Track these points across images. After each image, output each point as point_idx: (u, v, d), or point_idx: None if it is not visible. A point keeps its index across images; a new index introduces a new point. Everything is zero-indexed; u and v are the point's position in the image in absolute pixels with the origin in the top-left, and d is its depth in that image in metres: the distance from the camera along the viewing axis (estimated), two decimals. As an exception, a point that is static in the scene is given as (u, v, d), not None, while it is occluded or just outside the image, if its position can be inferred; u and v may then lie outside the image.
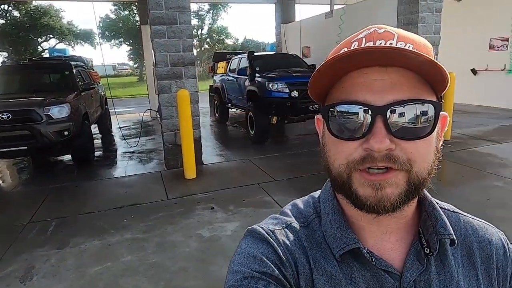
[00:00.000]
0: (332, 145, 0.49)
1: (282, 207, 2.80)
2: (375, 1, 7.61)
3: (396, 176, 0.45)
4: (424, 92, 0.46)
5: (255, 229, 0.54)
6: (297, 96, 5.88)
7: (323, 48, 8.86)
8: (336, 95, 0.49)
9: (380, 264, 0.50)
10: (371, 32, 0.48)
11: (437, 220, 0.52)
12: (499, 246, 0.56)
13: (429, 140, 0.47)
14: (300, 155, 5.55)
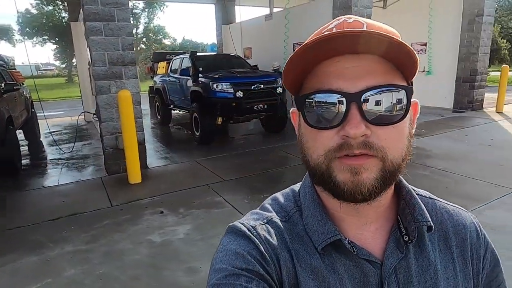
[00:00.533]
0: (309, 136, 0.49)
1: (233, 206, 2.81)
2: (312, 6, 7.98)
3: (371, 162, 0.45)
4: (395, 78, 0.47)
5: (235, 226, 0.54)
6: (242, 96, 5.93)
7: (264, 49, 9.07)
8: (309, 85, 0.49)
9: (361, 254, 0.51)
10: (341, 22, 0.49)
11: (415, 207, 0.53)
12: (472, 230, 0.58)
13: (402, 126, 0.47)
14: (246, 154, 5.61)
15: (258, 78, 6.28)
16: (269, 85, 6.27)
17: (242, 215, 2.64)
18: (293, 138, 6.67)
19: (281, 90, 6.43)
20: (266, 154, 5.54)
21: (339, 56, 0.46)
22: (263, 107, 6.21)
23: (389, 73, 0.46)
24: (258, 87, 6.10)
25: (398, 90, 0.46)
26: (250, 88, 6.03)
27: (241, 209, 3.47)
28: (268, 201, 0.60)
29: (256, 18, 9.70)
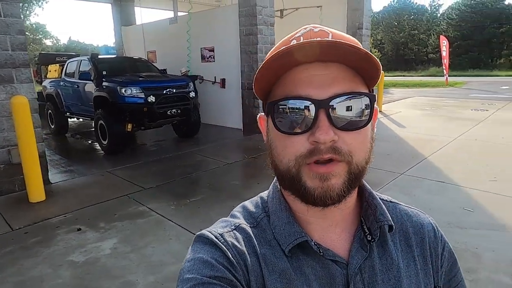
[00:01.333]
0: (279, 141, 0.50)
1: (160, 214, 2.83)
2: (218, 11, 8.16)
3: (339, 167, 0.47)
4: (359, 85, 0.50)
5: (203, 234, 0.54)
6: (154, 101, 5.73)
7: (170, 53, 8.88)
8: (278, 92, 0.50)
9: (327, 255, 0.52)
10: (308, 31, 0.50)
11: (377, 208, 0.56)
12: (430, 229, 0.61)
13: (366, 131, 0.50)
14: (163, 161, 5.45)
15: (170, 82, 6.15)
16: (181, 90, 6.19)
17: (172, 222, 2.70)
18: (208, 141, 6.76)
19: (194, 95, 6.42)
20: (183, 159, 5.47)
21: (307, 63, 0.48)
22: (176, 112, 6.10)
23: (354, 81, 0.49)
24: (171, 91, 5.98)
25: (363, 97, 0.48)
26: (162, 93, 5.87)
27: (168, 216, 3.39)
28: (237, 208, 0.61)
29: (160, 21, 9.44)
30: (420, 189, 3.95)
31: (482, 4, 36.61)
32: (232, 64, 7.41)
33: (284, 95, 0.48)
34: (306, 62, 0.47)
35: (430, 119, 8.52)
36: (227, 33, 7.38)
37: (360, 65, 0.48)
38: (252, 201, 0.62)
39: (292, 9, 10.74)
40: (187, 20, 8.26)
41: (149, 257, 2.70)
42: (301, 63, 0.48)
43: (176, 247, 2.85)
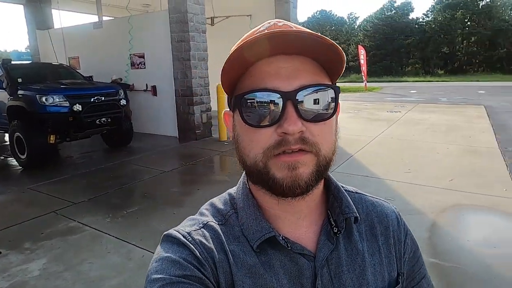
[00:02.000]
0: (246, 135, 0.50)
1: (95, 228, 2.76)
2: (148, 17, 7.96)
3: (307, 157, 0.48)
4: (324, 78, 0.51)
5: (170, 234, 0.54)
6: (80, 110, 5.35)
7: (95, 59, 8.38)
8: (245, 85, 0.50)
9: (295, 248, 0.53)
10: (272, 25, 0.51)
11: (342, 201, 0.57)
12: (393, 218, 0.63)
13: (331, 122, 0.51)
14: (94, 173, 5.11)
15: (97, 89, 5.81)
16: (111, 97, 5.89)
17: (109, 235, 2.67)
18: (142, 151, 6.53)
19: (125, 102, 6.16)
20: (116, 170, 5.20)
21: (272, 56, 0.48)
22: (106, 120, 5.78)
23: (318, 74, 0.50)
24: (99, 99, 5.65)
25: (329, 90, 0.49)
26: (89, 101, 5.52)
27: (105, 229, 3.22)
28: (205, 206, 0.61)
29: (83, 25, 8.85)
30: (348, 184, 4.27)
31: (391, 18, 41.15)
32: (164, 71, 7.27)
33: (250, 88, 0.48)
34: (271, 55, 0.48)
35: (353, 120, 9.30)
36: (157, 39, 7.22)
37: (325, 57, 0.49)
38: (221, 197, 0.62)
39: (222, 17, 10.91)
40: (113, 25, 7.89)
41: (87, 274, 2.54)
42: (266, 56, 0.48)
43: (115, 260, 2.72)
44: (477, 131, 7.44)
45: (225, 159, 5.93)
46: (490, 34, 36.42)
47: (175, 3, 6.66)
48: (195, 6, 6.79)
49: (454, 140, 6.51)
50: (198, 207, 0.63)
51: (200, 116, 7.18)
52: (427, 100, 14.16)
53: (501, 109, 11.08)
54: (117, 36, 7.86)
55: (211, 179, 4.89)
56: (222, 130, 7.02)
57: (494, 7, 38.03)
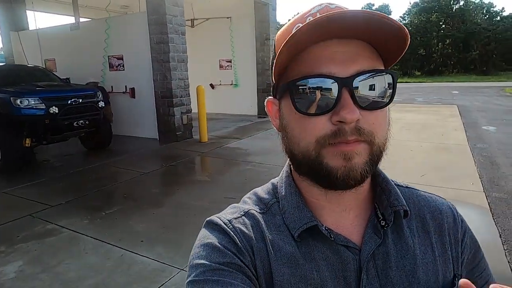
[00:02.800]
0: (297, 123, 0.48)
1: (72, 230, 2.80)
2: (127, 18, 7.91)
3: (362, 147, 0.46)
4: (379, 63, 0.48)
5: (212, 220, 0.54)
6: (57, 112, 5.28)
7: (72, 61, 8.24)
8: (297, 70, 0.47)
9: (339, 240, 0.50)
10: (323, 8, 0.48)
11: (391, 193, 0.54)
12: (449, 215, 0.59)
13: (386, 110, 0.48)
14: (72, 175, 5.05)
15: (74, 92, 5.74)
16: (89, 99, 5.83)
17: (87, 236, 2.70)
18: (122, 153, 6.48)
19: (103, 104, 6.10)
20: (95, 172, 5.16)
21: (327, 40, 0.45)
22: (84, 123, 5.72)
23: (374, 58, 0.47)
24: (76, 101, 5.58)
25: (386, 75, 0.47)
26: (66, 103, 5.44)
27: (82, 231, 3.21)
28: (248, 195, 0.61)
29: (59, 27, 8.70)
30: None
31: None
32: (143, 73, 7.23)
33: (303, 74, 0.46)
34: (325, 39, 0.45)
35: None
36: (136, 41, 7.19)
37: (384, 40, 0.45)
38: (264, 187, 0.61)
39: (202, 19, 10.94)
40: (91, 27, 7.81)
41: (64, 274, 2.54)
42: (320, 40, 0.45)
43: (93, 260, 2.73)
44: (449, 129, 7.75)
45: (206, 160, 5.96)
46: (464, 37, 37.83)
47: (153, 4, 6.66)
48: (174, 8, 6.80)
49: (427, 138, 6.76)
50: (177, 207, 0.64)
51: (181, 117, 7.18)
52: (405, 100, 14.59)
53: (472, 108, 11.56)
54: (94, 38, 7.76)
55: (191, 180, 4.92)
56: (202, 131, 7.05)
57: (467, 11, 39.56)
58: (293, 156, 0.50)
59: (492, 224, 3.17)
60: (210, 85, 11.17)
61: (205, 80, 10.48)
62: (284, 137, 0.52)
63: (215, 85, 11.28)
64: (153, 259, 2.69)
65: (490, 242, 2.89)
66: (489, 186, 4.14)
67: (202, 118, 6.98)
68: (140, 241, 3.00)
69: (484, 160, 5.26)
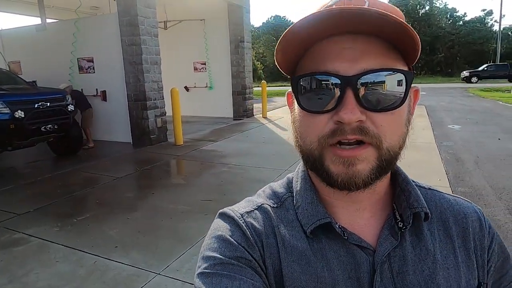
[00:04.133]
0: (302, 119, 0.48)
1: (42, 238, 2.72)
2: (97, 19, 7.70)
3: (367, 151, 0.44)
4: (394, 61, 0.45)
5: (225, 212, 0.54)
6: (23, 116, 5.06)
7: (39, 63, 7.92)
8: (305, 66, 0.46)
9: (352, 239, 0.49)
10: (340, 0, 0.46)
11: (410, 194, 0.52)
12: (474, 220, 0.55)
13: (400, 112, 0.45)
14: (40, 182, 4.85)
15: (42, 95, 5.52)
16: (57, 103, 5.63)
17: (57, 244, 2.63)
18: (94, 158, 6.33)
19: (73, 108, 5.91)
20: (66, 179, 4.97)
21: (338, 35, 0.44)
22: (52, 127, 5.51)
23: (388, 56, 0.44)
24: (44, 105, 5.38)
25: (397, 74, 0.44)
26: (33, 107, 5.23)
27: (53, 239, 3.09)
28: (263, 188, 0.60)
29: (24, 28, 8.35)
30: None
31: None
32: (115, 75, 7.07)
33: (310, 70, 0.45)
34: (336, 33, 0.43)
35: (307, 122, 9.63)
36: (107, 42, 7.02)
37: (397, 38, 0.43)
38: (280, 181, 0.60)
39: (175, 21, 10.84)
40: (59, 28, 7.54)
41: (33, 284, 2.44)
42: (330, 35, 0.44)
43: (65, 268, 2.63)
44: (417, 128, 8.05)
45: (181, 163, 5.90)
46: (430, 40, 39.50)
47: (125, 6, 6.53)
48: (146, 10, 6.70)
49: (397, 137, 7.00)
50: (153, 211, 0.61)
51: (155, 120, 7.07)
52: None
53: (439, 108, 12.09)
54: (62, 40, 7.51)
55: (166, 183, 4.85)
56: (177, 134, 6.96)
57: (432, 15, 41.38)
58: (302, 151, 0.50)
59: (458, 217, 3.33)
60: (185, 87, 11.07)
61: (180, 82, 10.37)
62: (294, 131, 0.51)
63: (189, 88, 11.19)
64: (128, 264, 2.64)
65: None
66: (454, 181, 4.35)
67: (177, 120, 6.90)
68: (114, 246, 2.93)
69: (450, 157, 5.53)
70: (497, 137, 6.99)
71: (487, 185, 4.24)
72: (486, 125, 8.58)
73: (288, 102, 0.55)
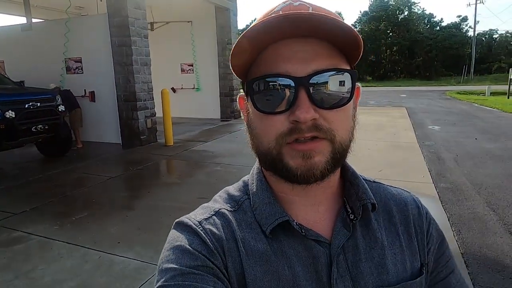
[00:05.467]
0: (259, 121, 0.49)
1: (42, 236, 2.82)
2: (86, 20, 7.66)
3: (322, 145, 0.46)
4: (340, 61, 0.48)
5: (182, 221, 0.53)
6: (14, 117, 5.02)
7: (25, 63, 7.80)
8: (258, 69, 0.48)
9: (310, 235, 0.51)
10: (287, 5, 0.48)
11: (359, 187, 0.55)
12: (413, 207, 0.60)
13: (347, 108, 0.48)
14: (33, 182, 4.83)
15: (31, 95, 5.48)
16: (47, 103, 5.60)
17: (59, 241, 2.76)
18: (84, 158, 6.32)
19: (63, 108, 5.88)
20: (58, 179, 4.96)
21: (287, 39, 0.46)
22: (43, 128, 5.48)
23: (334, 57, 0.47)
24: (34, 105, 5.34)
25: (344, 74, 0.47)
26: (23, 107, 5.19)
27: (54, 236, 3.13)
28: (219, 193, 0.60)
29: (8, 27, 8.21)
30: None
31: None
32: (104, 76, 7.06)
33: (263, 73, 0.47)
34: (285, 37, 0.46)
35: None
36: (96, 43, 7.00)
37: (340, 40, 0.46)
38: (235, 185, 0.60)
39: (162, 23, 10.85)
40: (46, 28, 7.46)
41: (40, 279, 2.49)
42: (280, 39, 0.46)
43: (70, 263, 2.69)
44: (400, 129, 8.41)
45: (174, 163, 5.97)
46: (409, 44, 40.74)
47: (115, 7, 6.55)
48: (136, 11, 6.74)
49: (381, 137, 7.29)
50: (151, 209, 0.62)
51: (145, 121, 7.10)
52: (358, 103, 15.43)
53: (419, 110, 12.57)
54: (49, 40, 7.44)
55: (161, 182, 4.92)
56: (168, 135, 7.01)
57: (411, 20, 42.67)
58: (258, 152, 0.51)
59: (441, 210, 3.57)
60: (172, 89, 11.07)
61: (167, 84, 10.33)
62: (250, 133, 0.53)
63: (176, 89, 11.21)
64: (133, 258, 2.72)
65: (440, 225, 3.20)
66: (437, 178, 4.62)
67: (167, 121, 6.95)
68: (117, 242, 3.00)
69: (431, 155, 5.82)
70: (474, 137, 7.39)
71: (466, 181, 4.52)
72: (463, 126, 9.02)
73: (240, 105, 0.57)
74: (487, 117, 10.60)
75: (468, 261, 2.68)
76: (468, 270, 2.57)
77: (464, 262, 2.67)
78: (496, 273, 2.54)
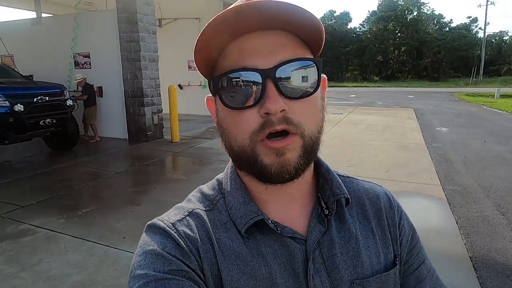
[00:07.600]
0: (230, 119, 0.48)
1: (49, 229, 2.81)
2: (95, 15, 7.68)
3: (294, 141, 0.46)
4: (306, 52, 0.48)
5: (154, 223, 0.52)
6: (22, 110, 5.06)
7: (34, 58, 7.85)
8: (223, 66, 0.47)
9: (285, 232, 0.50)
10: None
11: (333, 182, 0.55)
12: (385, 200, 0.61)
13: (315, 99, 0.48)
14: (40, 176, 4.86)
15: (40, 89, 5.52)
16: (55, 97, 5.63)
17: (65, 234, 2.76)
18: (91, 153, 6.34)
19: (71, 103, 5.92)
20: (65, 173, 4.99)
21: (250, 33, 0.45)
22: (51, 122, 5.52)
23: (298, 48, 0.47)
24: (43, 99, 5.38)
25: (310, 64, 0.47)
26: (32, 101, 5.23)
27: (60, 230, 3.14)
28: (192, 192, 0.59)
29: (18, 21, 8.27)
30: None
31: (331, 27, 43.65)
32: (112, 71, 7.08)
33: (228, 68, 0.46)
34: (248, 31, 0.45)
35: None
36: (104, 38, 7.03)
37: (304, 30, 0.46)
38: (209, 184, 0.59)
39: (171, 19, 10.86)
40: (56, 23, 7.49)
41: (46, 272, 2.50)
42: (243, 33, 0.45)
43: (76, 257, 2.70)
44: (407, 130, 8.33)
45: (180, 159, 5.97)
46: (417, 45, 40.40)
47: (124, 3, 6.56)
48: (145, 7, 6.75)
49: (388, 138, 7.24)
50: (157, 205, 0.60)
51: (151, 117, 7.11)
52: (365, 103, 15.38)
53: (427, 111, 12.45)
54: (58, 34, 7.48)
55: (167, 178, 4.93)
56: (174, 131, 7.02)
57: (420, 21, 42.30)
58: (232, 151, 0.50)
59: (449, 213, 3.53)
60: (179, 85, 11.08)
61: (174, 80, 10.35)
62: (221, 133, 0.51)
63: (183, 86, 11.22)
64: (139, 254, 2.72)
65: (448, 228, 3.23)
66: (445, 180, 4.56)
67: (174, 118, 6.96)
68: (123, 237, 3.01)
69: (439, 157, 5.76)
70: (482, 140, 7.29)
71: (475, 184, 4.46)
72: (472, 128, 8.92)
73: (209, 107, 0.55)
74: (496, 120, 10.48)
75: (477, 265, 2.64)
76: (476, 274, 2.53)
77: (473, 266, 2.63)
78: (506, 278, 2.50)
